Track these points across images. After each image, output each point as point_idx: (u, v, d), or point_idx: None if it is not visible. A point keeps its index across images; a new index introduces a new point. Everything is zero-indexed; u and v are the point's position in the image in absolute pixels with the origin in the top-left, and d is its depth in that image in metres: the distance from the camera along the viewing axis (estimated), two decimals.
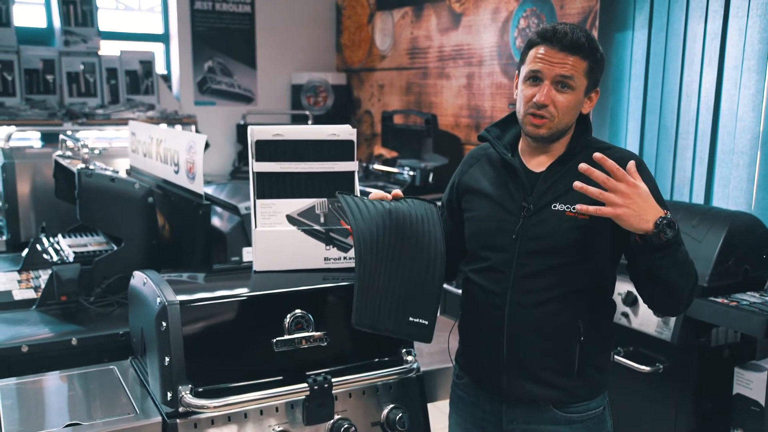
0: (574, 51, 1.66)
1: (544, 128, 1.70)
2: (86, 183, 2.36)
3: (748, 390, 2.59)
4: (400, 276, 1.65)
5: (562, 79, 1.67)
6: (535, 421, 1.77)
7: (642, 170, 1.70)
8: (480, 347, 1.82)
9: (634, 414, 2.85)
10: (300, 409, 1.69)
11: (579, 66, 1.67)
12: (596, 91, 1.76)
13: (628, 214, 1.52)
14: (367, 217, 1.65)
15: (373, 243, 1.63)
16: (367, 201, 1.70)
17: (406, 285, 1.66)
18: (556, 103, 1.68)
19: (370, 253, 1.63)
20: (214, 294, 1.69)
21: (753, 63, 3.10)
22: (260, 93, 6.06)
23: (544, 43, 1.67)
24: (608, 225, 1.69)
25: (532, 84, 1.70)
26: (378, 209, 1.67)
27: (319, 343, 1.73)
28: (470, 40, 4.73)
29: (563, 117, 1.70)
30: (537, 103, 1.68)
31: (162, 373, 1.59)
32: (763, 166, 3.09)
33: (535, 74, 1.69)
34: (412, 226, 1.69)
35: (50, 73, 5.14)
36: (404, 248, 1.67)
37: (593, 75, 1.71)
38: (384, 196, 1.74)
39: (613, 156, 1.73)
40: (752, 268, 2.72)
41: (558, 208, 1.71)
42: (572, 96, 1.68)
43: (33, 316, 2.26)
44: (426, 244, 1.69)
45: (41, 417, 1.63)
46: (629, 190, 1.52)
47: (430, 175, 4.62)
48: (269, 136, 1.85)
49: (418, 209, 1.73)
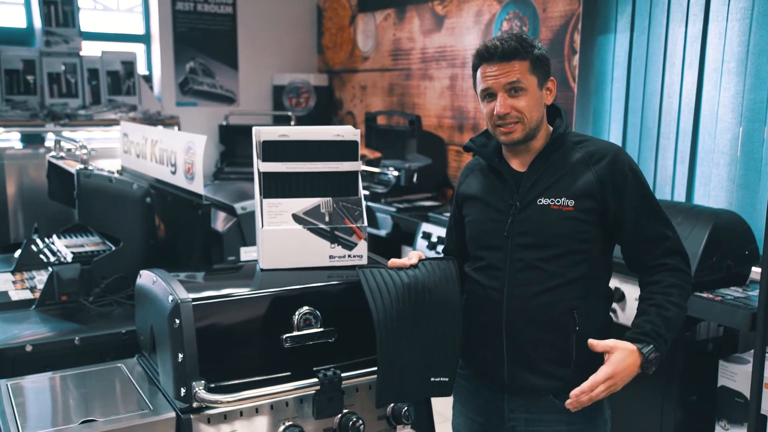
0: (510, 57, 1.76)
1: (516, 133, 1.80)
2: (85, 183, 2.37)
3: (733, 382, 2.67)
4: (420, 345, 1.73)
5: (511, 86, 1.77)
6: (535, 410, 1.84)
7: (618, 159, 1.79)
8: (481, 340, 1.89)
9: (621, 407, 2.91)
10: (309, 403, 1.72)
11: (521, 68, 1.77)
12: (551, 80, 1.85)
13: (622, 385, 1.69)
14: (387, 298, 1.70)
15: (393, 323, 1.69)
16: (385, 275, 1.74)
17: (426, 350, 1.74)
18: (516, 108, 1.78)
19: (391, 334, 1.69)
20: (224, 291, 1.72)
21: (732, 65, 3.19)
22: (242, 94, 6.07)
23: (483, 63, 1.80)
24: (594, 215, 1.77)
25: (489, 100, 1.81)
26: (397, 285, 1.72)
27: (326, 339, 1.76)
28: (453, 42, 4.79)
29: (530, 116, 1.79)
30: (498, 114, 1.78)
31: (175, 370, 1.61)
32: (743, 164, 3.18)
33: (487, 92, 1.81)
34: (431, 295, 1.75)
35: (31, 74, 5.09)
36: (424, 318, 1.74)
37: (539, 69, 1.80)
38: (402, 264, 1.78)
39: (590, 147, 1.82)
40: (735, 264, 2.80)
41: (543, 203, 1.80)
42: (527, 96, 1.78)
43: (33, 316, 2.27)
44: (445, 309, 1.77)
45: (55, 414, 1.65)
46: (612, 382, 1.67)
47: (414, 175, 4.67)
48: (275, 137, 1.88)
49: (435, 272, 1.78)
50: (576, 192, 1.77)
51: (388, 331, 1.69)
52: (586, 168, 1.79)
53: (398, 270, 1.77)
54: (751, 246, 2.87)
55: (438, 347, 1.76)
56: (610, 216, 1.78)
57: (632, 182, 1.79)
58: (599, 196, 1.77)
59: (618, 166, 1.78)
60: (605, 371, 1.66)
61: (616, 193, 1.77)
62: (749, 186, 3.16)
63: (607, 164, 1.78)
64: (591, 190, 1.77)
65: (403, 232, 4.38)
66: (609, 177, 1.77)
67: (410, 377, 1.74)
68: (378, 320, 1.68)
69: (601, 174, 1.77)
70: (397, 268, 1.78)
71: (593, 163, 1.79)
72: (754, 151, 3.13)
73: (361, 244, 1.93)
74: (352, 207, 1.93)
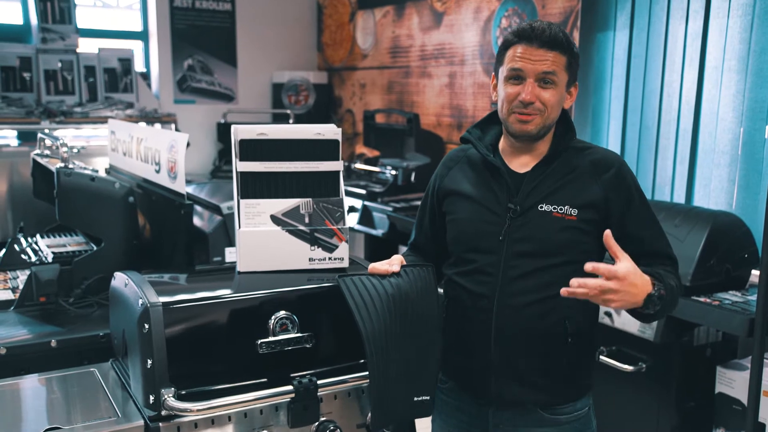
0: (553, 47, 1.67)
1: (532, 124, 1.70)
2: (65, 182, 2.32)
3: (730, 389, 2.61)
4: (404, 362, 1.67)
5: (545, 76, 1.68)
6: (522, 423, 1.77)
7: (623, 173, 1.72)
8: (467, 351, 1.80)
9: (617, 413, 2.86)
10: (284, 411, 1.67)
11: (559, 61, 1.68)
12: (575, 85, 1.77)
13: (619, 303, 1.55)
14: (373, 310, 1.64)
15: (381, 339, 1.63)
16: (368, 284, 1.68)
17: (410, 368, 1.68)
18: (542, 99, 1.69)
19: (380, 351, 1.63)
20: (197, 295, 1.67)
21: (733, 63, 3.12)
22: (241, 91, 6.01)
23: (522, 42, 1.68)
24: (594, 226, 1.70)
25: (514, 83, 1.70)
26: (381, 297, 1.66)
27: (304, 344, 1.71)
28: (452, 39, 4.73)
29: (551, 112, 1.71)
30: (523, 101, 1.68)
31: (144, 376, 1.56)
32: (743, 165, 3.11)
33: (517, 73, 1.69)
34: (413, 305, 1.69)
35: (27, 71, 5.05)
36: (407, 333, 1.68)
37: (572, 69, 1.72)
38: (384, 271, 1.71)
39: (595, 156, 1.74)
40: (734, 268, 2.73)
41: (545, 209, 1.71)
42: (556, 91, 1.70)
43: (11, 317, 2.22)
44: (425, 323, 1.71)
45: (20, 421, 1.60)
46: (618, 285, 1.53)
47: (412, 174, 4.61)
48: (253, 136, 1.83)
49: (417, 282, 1.72)
50: (581, 202, 1.70)
51: (377, 348, 1.62)
52: (592, 178, 1.71)
53: (380, 279, 1.70)
54: (750, 248, 2.80)
55: (420, 364, 1.70)
56: (613, 230, 1.70)
57: (636, 197, 1.73)
58: (604, 208, 1.70)
59: (624, 180, 1.73)
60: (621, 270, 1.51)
61: (621, 207, 1.71)
62: (750, 187, 3.09)
63: (614, 176, 1.71)
64: (596, 201, 1.70)
65: (399, 232, 4.32)
66: (615, 190, 1.71)
67: (399, 397, 1.68)
68: (367, 337, 1.62)
69: (607, 186, 1.70)
70: (379, 275, 1.71)
71: (599, 173, 1.72)
72: (755, 151, 3.06)
73: (342, 247, 1.87)
74: (333, 208, 1.88)
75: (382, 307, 1.64)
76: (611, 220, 1.71)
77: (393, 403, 1.66)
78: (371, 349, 1.62)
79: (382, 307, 1.64)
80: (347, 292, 1.66)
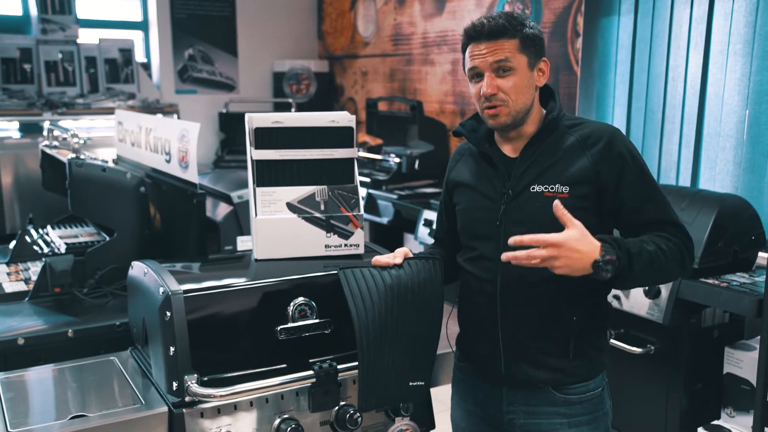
0: (498, 36, 1.69)
1: (501, 116, 1.73)
2: (77, 173, 2.33)
3: (739, 369, 2.63)
4: (401, 349, 1.69)
5: (498, 65, 1.70)
6: (535, 402, 1.79)
7: (613, 143, 1.72)
8: (477, 334, 1.84)
9: (627, 395, 2.88)
10: (305, 396, 1.69)
11: (508, 46, 1.70)
12: (544, 61, 1.77)
13: (566, 270, 1.56)
14: (369, 302, 1.65)
15: (374, 329, 1.65)
16: (368, 276, 1.69)
17: (407, 354, 1.70)
18: (502, 88, 1.71)
19: (372, 340, 1.64)
20: (217, 283, 1.68)
21: (739, 47, 3.13)
22: (242, 81, 6.01)
23: (472, 41, 1.73)
24: (589, 201, 1.71)
25: (477, 81, 1.74)
26: (379, 288, 1.67)
27: (322, 330, 1.73)
28: (455, 26, 4.72)
29: (517, 98, 1.72)
30: (484, 95, 1.71)
31: (167, 363, 1.57)
32: (749, 148, 3.13)
33: (474, 71, 1.74)
34: (414, 296, 1.70)
35: (28, 62, 5.04)
36: (404, 322, 1.69)
37: (529, 49, 1.72)
38: (386, 263, 1.72)
39: (584, 131, 1.75)
40: (741, 250, 2.75)
41: (536, 190, 1.73)
42: (516, 76, 1.71)
43: (26, 308, 2.24)
44: (425, 312, 1.72)
45: (46, 409, 1.62)
46: (556, 251, 1.54)
47: (416, 161, 4.62)
48: (268, 124, 1.84)
49: (420, 273, 1.73)
50: (570, 178, 1.70)
51: (369, 338, 1.64)
52: (580, 152, 1.71)
53: (381, 270, 1.71)
54: (757, 231, 2.81)
55: (416, 351, 1.72)
56: (608, 201, 1.71)
57: (630, 165, 1.70)
58: (595, 181, 1.70)
59: (615, 149, 1.70)
60: (555, 237, 1.53)
61: (614, 177, 1.69)
62: (755, 170, 3.10)
63: (603, 148, 1.70)
64: (586, 175, 1.70)
65: (404, 219, 4.33)
66: (605, 161, 1.69)
67: (391, 382, 1.70)
68: (359, 327, 1.63)
69: (596, 158, 1.69)
70: (381, 267, 1.72)
71: (588, 147, 1.71)
72: (760, 134, 3.07)
73: (357, 233, 1.88)
74: (348, 195, 1.89)
75: (378, 297, 1.66)
76: (606, 191, 1.70)
77: (384, 388, 1.68)
78: (362, 338, 1.63)
79: (378, 297, 1.66)
80: (345, 284, 1.67)
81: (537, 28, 1.75)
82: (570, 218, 1.57)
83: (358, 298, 1.66)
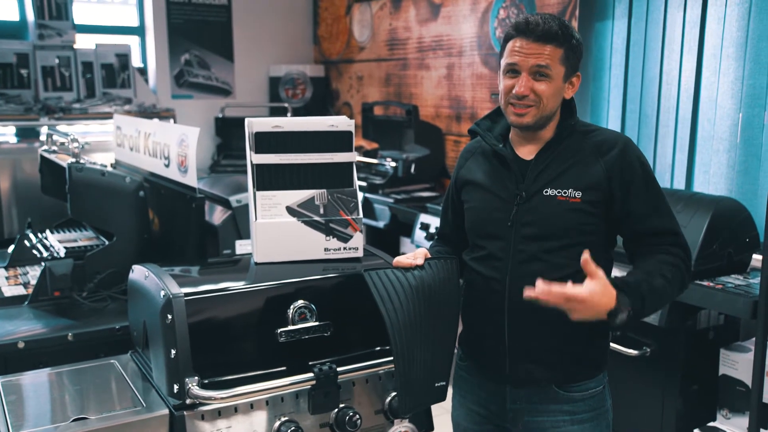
0: (547, 40, 1.70)
1: (528, 116, 1.75)
2: (77, 177, 2.34)
3: (734, 371, 2.65)
4: (428, 349, 1.71)
5: (539, 69, 1.72)
6: (537, 400, 1.82)
7: (626, 152, 1.74)
8: (482, 332, 1.86)
9: (623, 397, 2.89)
10: (305, 398, 1.70)
11: (554, 54, 1.71)
12: (577, 75, 1.80)
13: (583, 318, 1.60)
14: (397, 303, 1.67)
15: (406, 330, 1.67)
16: (392, 277, 1.71)
17: (432, 354, 1.72)
18: (536, 91, 1.73)
19: (405, 341, 1.67)
20: (217, 286, 1.70)
21: (732, 50, 3.15)
22: (238, 86, 6.02)
23: (519, 36, 1.73)
24: (600, 207, 1.74)
25: (511, 76, 1.75)
26: (405, 289, 1.69)
27: (322, 333, 1.74)
28: (450, 30, 4.75)
29: (546, 104, 1.74)
30: (517, 94, 1.73)
31: (168, 366, 1.59)
32: (742, 151, 3.15)
33: (512, 67, 1.74)
34: (436, 295, 1.73)
35: (24, 68, 5.05)
36: (429, 322, 1.71)
37: (570, 61, 1.75)
38: (409, 264, 1.75)
39: (598, 137, 1.78)
40: (736, 252, 2.78)
41: (549, 193, 1.75)
42: (551, 84, 1.73)
43: (26, 312, 2.25)
44: (445, 312, 1.75)
45: (47, 412, 1.63)
46: (575, 305, 1.58)
47: (412, 165, 4.63)
48: (268, 128, 1.85)
49: (440, 273, 1.76)
50: (584, 183, 1.73)
51: (402, 340, 1.66)
52: (594, 159, 1.75)
53: (404, 271, 1.73)
54: (751, 233, 2.84)
55: (439, 351, 1.74)
56: (617, 208, 1.74)
57: (641, 176, 1.74)
58: (607, 188, 1.73)
59: (627, 158, 1.74)
60: (583, 293, 1.56)
61: (624, 186, 1.73)
62: (749, 172, 3.13)
63: (616, 156, 1.74)
64: (599, 181, 1.73)
65: (401, 223, 4.35)
66: (618, 169, 1.73)
67: (423, 384, 1.72)
68: (392, 329, 1.65)
69: (609, 165, 1.73)
70: (403, 268, 1.74)
71: (602, 154, 1.74)
72: (754, 137, 3.10)
73: (356, 236, 1.90)
74: (348, 198, 1.91)
75: (406, 299, 1.68)
76: (614, 199, 1.74)
77: (419, 389, 1.71)
78: (396, 340, 1.65)
79: (406, 299, 1.68)
80: (372, 286, 1.68)
81: (581, 43, 1.77)
82: (594, 270, 1.60)
83: (387, 300, 1.67)
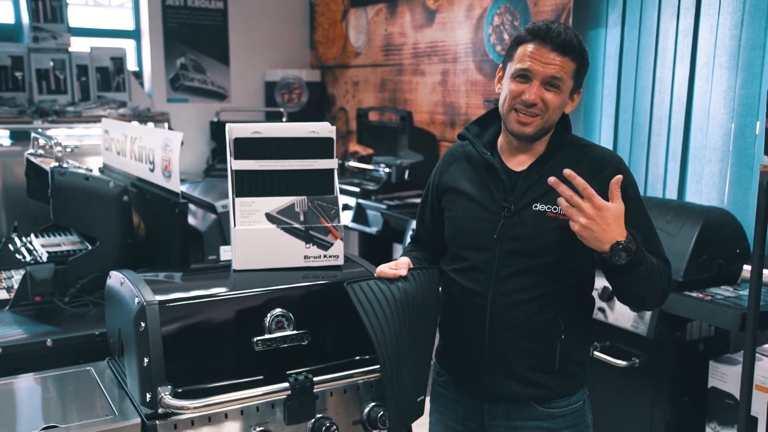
0: (565, 52, 1.65)
1: (531, 126, 1.70)
2: (59, 182, 2.32)
3: (723, 383, 2.63)
4: (411, 364, 1.68)
5: (552, 80, 1.66)
6: (517, 417, 1.78)
7: (622, 171, 1.71)
8: (461, 346, 1.82)
9: (611, 408, 2.87)
10: (281, 408, 1.68)
11: (568, 67, 1.67)
12: (579, 92, 1.76)
13: (586, 234, 1.55)
14: (382, 317, 1.64)
15: (392, 344, 1.63)
16: (376, 290, 1.67)
17: (415, 368, 1.70)
18: (545, 100, 1.68)
19: (392, 356, 1.63)
20: (193, 293, 1.68)
21: (724, 60, 3.14)
22: (233, 90, 6.01)
23: (536, 41, 1.66)
24: None
25: (521, 81, 1.69)
26: (390, 302, 1.65)
27: (299, 342, 1.72)
28: (445, 36, 4.74)
29: (552, 114, 1.70)
30: (526, 101, 1.67)
31: (141, 374, 1.57)
32: (735, 161, 3.13)
33: (524, 72, 1.68)
34: (419, 308, 1.70)
35: (19, 70, 5.04)
36: (412, 336, 1.68)
37: (579, 77, 1.72)
38: (393, 274, 1.70)
39: (592, 155, 1.74)
40: (726, 263, 2.75)
41: (539, 208, 1.71)
42: (559, 96, 1.69)
43: (6, 317, 2.22)
44: (426, 325, 1.73)
45: (16, 420, 1.60)
46: (593, 211, 1.54)
47: (406, 172, 4.62)
48: (248, 134, 1.83)
49: (423, 284, 1.72)
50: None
51: (390, 356, 1.63)
52: (587, 177, 1.67)
53: (389, 283, 1.69)
54: (742, 244, 2.82)
55: (419, 365, 1.71)
56: None
57: (632, 199, 1.70)
58: None
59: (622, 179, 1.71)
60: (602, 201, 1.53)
61: None
62: (741, 183, 3.11)
63: (610, 175, 1.67)
64: None
65: (393, 229, 4.33)
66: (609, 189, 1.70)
67: (409, 399, 1.70)
68: (379, 346, 1.62)
69: (601, 185, 1.66)
70: (388, 280, 1.70)
71: (595, 172, 1.70)
72: (746, 147, 3.08)
73: (337, 244, 1.88)
74: (328, 206, 1.88)
75: (392, 313, 1.64)
76: None
77: (407, 405, 1.68)
78: (384, 357, 1.62)
79: (391, 313, 1.64)
80: (356, 300, 1.65)
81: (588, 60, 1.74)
82: (618, 196, 1.57)
83: (372, 316, 1.63)
